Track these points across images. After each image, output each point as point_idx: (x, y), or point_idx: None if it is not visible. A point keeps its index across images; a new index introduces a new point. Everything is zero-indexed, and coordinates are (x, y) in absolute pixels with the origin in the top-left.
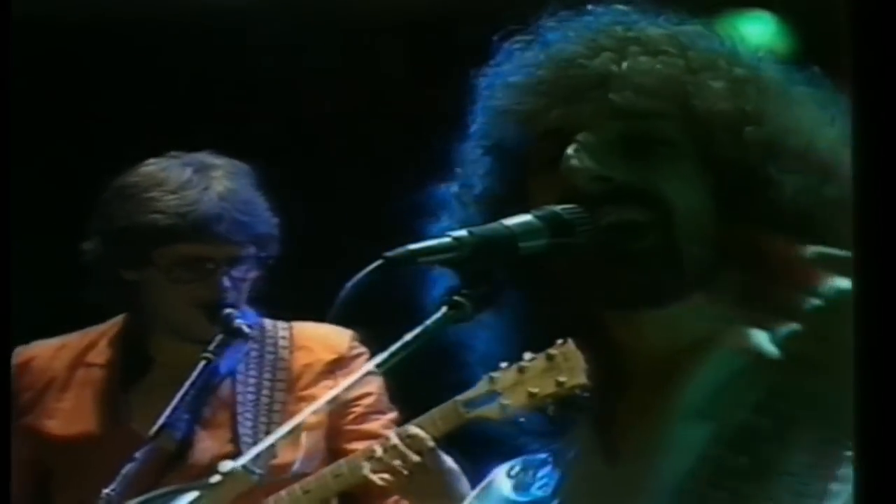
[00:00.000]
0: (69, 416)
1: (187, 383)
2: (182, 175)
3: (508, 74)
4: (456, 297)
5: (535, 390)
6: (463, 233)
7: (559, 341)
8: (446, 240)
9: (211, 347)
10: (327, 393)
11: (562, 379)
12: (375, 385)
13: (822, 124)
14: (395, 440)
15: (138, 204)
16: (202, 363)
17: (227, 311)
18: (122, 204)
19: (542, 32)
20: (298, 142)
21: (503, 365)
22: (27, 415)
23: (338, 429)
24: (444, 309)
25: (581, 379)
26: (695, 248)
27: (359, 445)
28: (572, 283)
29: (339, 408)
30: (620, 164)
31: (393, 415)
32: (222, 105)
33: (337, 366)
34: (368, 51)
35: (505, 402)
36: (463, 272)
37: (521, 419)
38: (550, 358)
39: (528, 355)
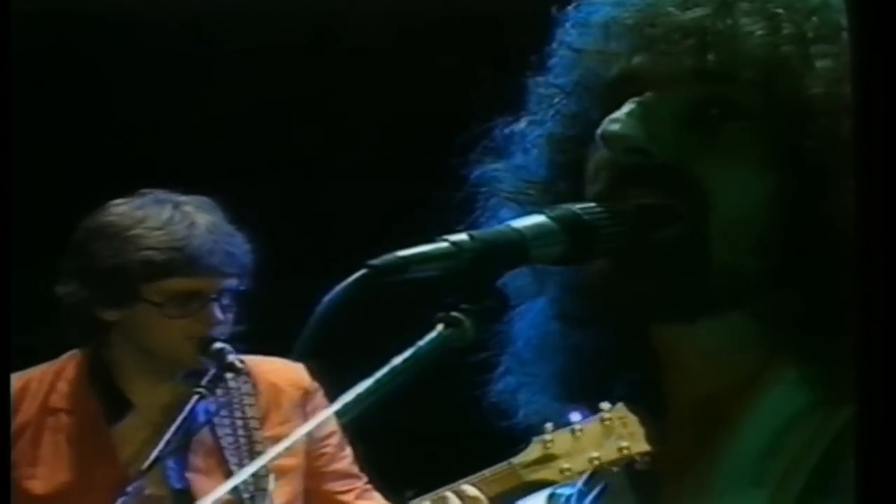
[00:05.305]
0: (50, 467)
1: (180, 418)
2: (162, 212)
3: (592, 12)
4: (454, 314)
5: (597, 455)
6: (463, 237)
7: (606, 405)
8: (443, 245)
9: (204, 382)
10: (298, 431)
11: (624, 444)
12: (334, 422)
13: None
14: (453, 500)
15: (124, 242)
16: (195, 398)
17: (220, 345)
18: (104, 244)
19: None
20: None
21: (549, 426)
22: None
23: (315, 470)
24: (439, 327)
25: (644, 446)
26: (733, 256)
27: (335, 486)
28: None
29: (313, 448)
30: (673, 139)
31: (350, 449)
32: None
33: (304, 401)
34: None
35: (565, 466)
36: (463, 283)
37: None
38: (604, 421)
39: (576, 416)
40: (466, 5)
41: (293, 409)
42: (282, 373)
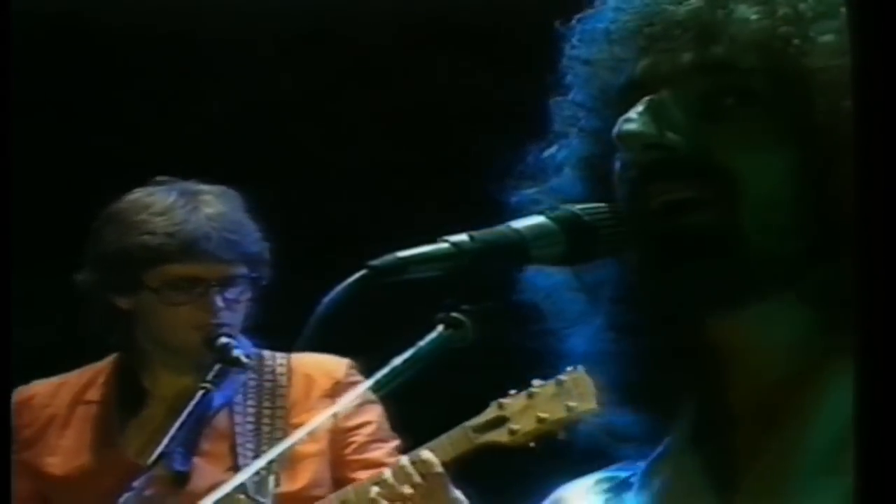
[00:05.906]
0: (70, 452)
1: (185, 412)
2: (168, 198)
3: (595, 22)
4: (454, 314)
5: (545, 415)
6: (463, 238)
7: (569, 368)
8: (443, 246)
9: (209, 377)
10: (319, 417)
11: (572, 404)
12: (375, 413)
13: None
14: (404, 462)
15: (128, 228)
16: (200, 392)
17: (225, 340)
18: (111, 230)
19: None
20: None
21: (513, 391)
22: (28, 450)
23: (341, 459)
24: (440, 328)
25: (592, 404)
26: (768, 238)
27: (364, 475)
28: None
29: (340, 437)
30: (689, 130)
31: (395, 443)
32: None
33: (335, 392)
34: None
35: (514, 426)
36: (463, 284)
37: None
38: (560, 383)
39: (537, 381)
40: (472, 6)
41: (321, 398)
42: (318, 365)
